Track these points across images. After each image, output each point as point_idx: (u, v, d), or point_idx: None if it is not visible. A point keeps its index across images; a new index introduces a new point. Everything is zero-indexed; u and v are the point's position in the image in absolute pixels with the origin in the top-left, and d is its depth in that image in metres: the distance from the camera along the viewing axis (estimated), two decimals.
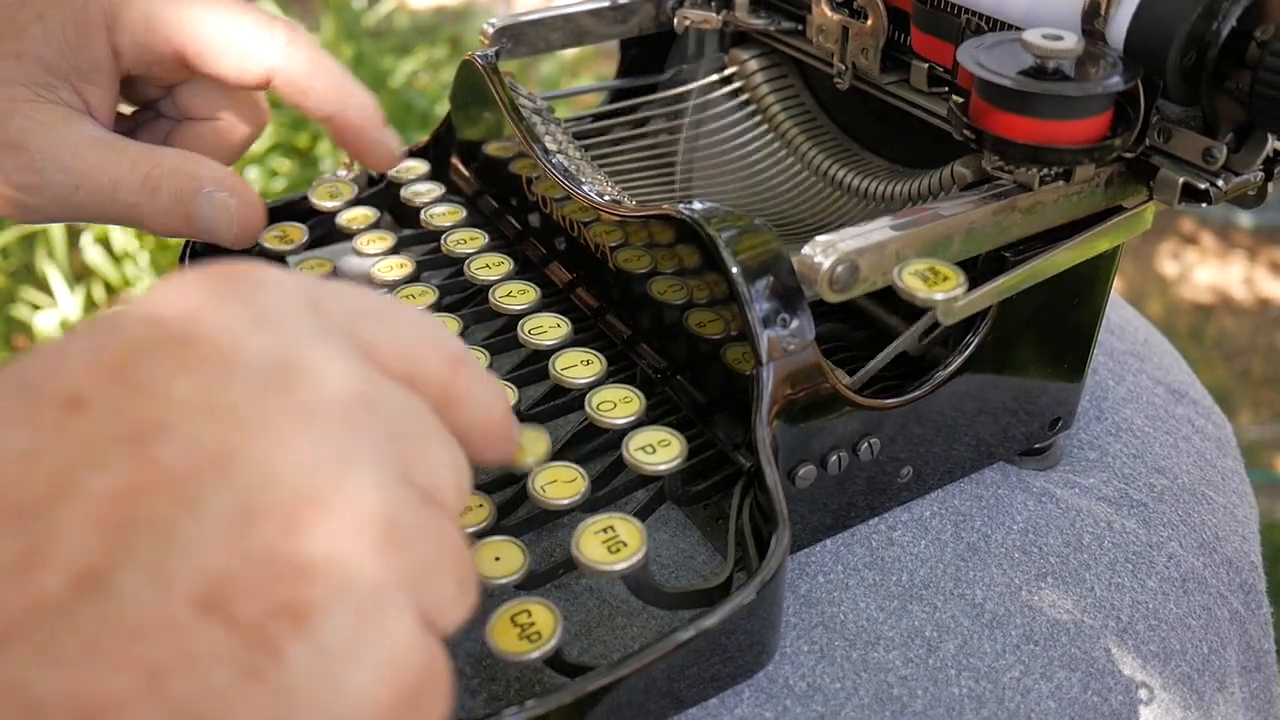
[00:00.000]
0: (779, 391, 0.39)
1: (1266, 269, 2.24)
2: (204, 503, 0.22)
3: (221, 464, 0.22)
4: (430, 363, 0.28)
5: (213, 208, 0.48)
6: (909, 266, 0.38)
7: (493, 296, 0.50)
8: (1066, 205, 0.44)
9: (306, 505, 0.22)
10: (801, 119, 0.60)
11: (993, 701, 0.42)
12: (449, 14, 2.70)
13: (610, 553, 0.37)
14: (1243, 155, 0.42)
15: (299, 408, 0.24)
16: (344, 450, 0.24)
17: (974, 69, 0.40)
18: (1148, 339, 0.63)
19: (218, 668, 0.21)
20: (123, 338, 0.24)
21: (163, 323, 0.24)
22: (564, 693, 0.35)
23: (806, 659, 0.43)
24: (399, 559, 0.24)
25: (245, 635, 0.21)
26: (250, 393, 0.23)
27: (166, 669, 0.20)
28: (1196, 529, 0.51)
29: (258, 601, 0.21)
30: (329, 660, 0.22)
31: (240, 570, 0.21)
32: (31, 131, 0.45)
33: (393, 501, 0.24)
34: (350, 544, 0.23)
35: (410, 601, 0.24)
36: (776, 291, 0.40)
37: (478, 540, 0.41)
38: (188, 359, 0.23)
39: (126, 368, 0.23)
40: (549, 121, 0.54)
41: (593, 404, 0.44)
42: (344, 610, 0.22)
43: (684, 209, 0.41)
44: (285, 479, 0.23)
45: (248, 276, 0.26)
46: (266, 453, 0.23)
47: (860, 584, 0.46)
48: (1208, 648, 0.47)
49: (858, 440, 0.43)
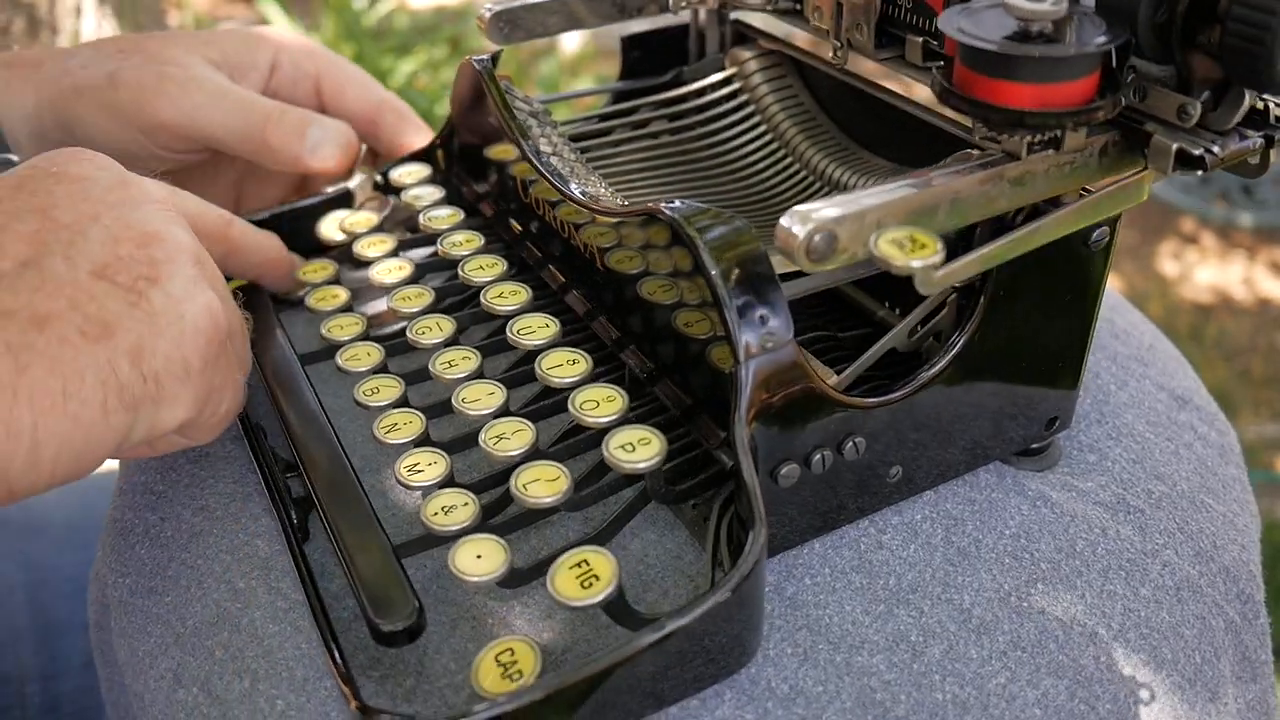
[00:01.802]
0: (757, 391, 0.39)
1: (1266, 269, 2.21)
2: (88, 231, 0.41)
3: (96, 217, 0.41)
4: (208, 216, 0.53)
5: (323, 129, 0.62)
6: (886, 235, 0.36)
7: (485, 297, 0.51)
8: (1058, 176, 0.42)
9: (150, 235, 0.42)
10: (801, 119, 0.60)
11: (977, 708, 0.42)
12: (449, 14, 2.72)
13: (584, 588, 0.38)
14: (1221, 113, 0.40)
15: (137, 196, 0.44)
16: (167, 217, 0.44)
17: (956, 35, 0.39)
18: (1153, 344, 0.62)
19: (110, 301, 0.39)
20: (18, 174, 0.43)
21: (37, 168, 0.43)
22: (539, 688, 0.35)
23: (790, 662, 0.43)
24: (206, 267, 0.44)
25: (124, 288, 0.40)
26: (104, 191, 0.43)
27: (83, 301, 0.38)
28: (1194, 537, 0.50)
29: (128, 272, 0.40)
30: (174, 300, 0.41)
31: (115, 260, 0.40)
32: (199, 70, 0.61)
33: (195, 244, 0.44)
34: (181, 252, 0.42)
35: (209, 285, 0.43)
36: (755, 289, 0.39)
37: (462, 538, 0.41)
38: (62, 179, 0.43)
39: (24, 184, 0.42)
40: (544, 124, 0.55)
41: (576, 403, 0.44)
42: (179, 275, 0.42)
43: (666, 208, 0.41)
44: (135, 224, 0.42)
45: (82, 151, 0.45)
46: (121, 214, 0.42)
47: (847, 587, 0.46)
48: (1200, 657, 0.46)
49: (842, 439, 0.43)
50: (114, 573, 0.49)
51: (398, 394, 0.49)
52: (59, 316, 0.37)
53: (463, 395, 0.47)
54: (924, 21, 0.48)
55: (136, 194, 0.44)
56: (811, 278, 0.45)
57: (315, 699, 0.41)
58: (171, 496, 0.50)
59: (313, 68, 0.65)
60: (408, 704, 0.41)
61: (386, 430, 0.47)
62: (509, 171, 0.56)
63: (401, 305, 0.53)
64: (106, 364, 0.38)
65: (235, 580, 0.46)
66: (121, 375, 0.38)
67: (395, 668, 0.42)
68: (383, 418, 0.47)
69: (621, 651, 0.36)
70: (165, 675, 0.43)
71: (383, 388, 0.49)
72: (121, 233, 0.41)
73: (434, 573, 0.46)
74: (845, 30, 0.51)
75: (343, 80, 0.65)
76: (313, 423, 0.50)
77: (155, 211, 0.43)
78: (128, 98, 0.59)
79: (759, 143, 0.60)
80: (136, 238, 0.41)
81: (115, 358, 0.38)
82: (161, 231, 0.43)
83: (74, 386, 0.37)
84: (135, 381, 0.39)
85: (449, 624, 0.44)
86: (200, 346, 0.41)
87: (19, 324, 0.37)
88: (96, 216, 0.41)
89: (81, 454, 0.38)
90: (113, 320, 0.38)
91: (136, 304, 0.40)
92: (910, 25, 0.49)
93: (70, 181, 0.43)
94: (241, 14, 3.16)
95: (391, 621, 0.40)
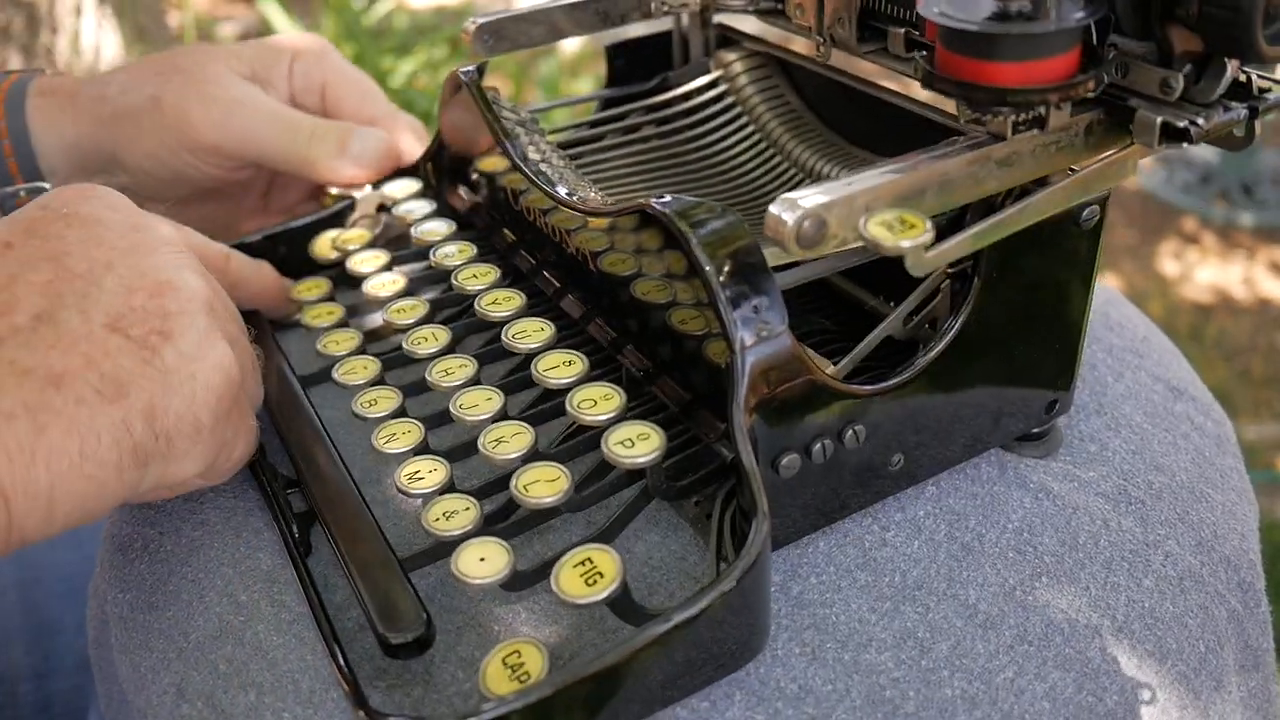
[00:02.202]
0: (755, 380, 0.39)
1: (1266, 269, 2.22)
2: (102, 281, 0.41)
3: (110, 265, 0.41)
4: (209, 252, 0.52)
5: (363, 140, 0.62)
6: (875, 217, 0.37)
7: (479, 305, 0.51)
8: (1045, 156, 0.42)
9: (164, 284, 0.42)
10: (787, 117, 0.60)
11: (986, 703, 0.42)
12: (449, 14, 2.73)
13: (588, 585, 0.38)
14: (1203, 86, 0.40)
15: (151, 241, 0.43)
16: (180, 262, 0.43)
17: (936, 18, 0.39)
18: (1147, 336, 0.62)
19: (124, 358, 0.39)
20: (29, 216, 0.43)
21: (49, 208, 0.43)
22: (545, 684, 0.35)
23: (798, 661, 0.42)
24: (219, 314, 0.44)
25: (138, 342, 0.40)
26: (118, 236, 0.43)
27: (98, 358, 0.38)
28: (1195, 527, 0.50)
29: (142, 325, 0.40)
30: (186, 358, 0.41)
31: (129, 312, 0.40)
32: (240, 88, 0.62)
33: (208, 289, 0.44)
34: (193, 302, 0.42)
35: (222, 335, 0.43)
36: (748, 280, 0.40)
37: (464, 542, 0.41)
38: (73, 221, 0.43)
39: (35, 228, 0.42)
40: (532, 133, 0.55)
41: (574, 403, 0.44)
42: (192, 329, 0.41)
43: (655, 203, 0.41)
44: (148, 272, 0.42)
45: (92, 188, 0.45)
46: (135, 261, 0.42)
47: (852, 585, 0.45)
48: (1204, 647, 0.46)
49: (842, 428, 0.43)
50: (113, 588, 0.48)
51: (395, 404, 0.49)
52: (75, 375, 0.37)
53: (461, 402, 0.46)
54: (904, 12, 0.48)
55: (150, 239, 0.44)
56: (803, 268, 0.45)
57: (322, 710, 0.41)
58: (170, 511, 0.50)
59: (320, 75, 0.66)
60: (415, 712, 0.41)
61: (385, 440, 0.47)
62: (499, 182, 0.56)
63: (396, 318, 0.53)
64: (121, 424, 0.38)
65: (238, 594, 0.45)
66: (135, 434, 0.38)
67: (402, 677, 0.42)
68: (381, 428, 0.47)
69: (628, 647, 0.35)
70: (169, 690, 0.43)
71: (380, 399, 0.49)
72: (135, 282, 0.41)
73: (438, 581, 0.46)
74: (828, 26, 0.52)
75: (343, 92, 0.66)
76: (312, 437, 0.50)
77: (168, 258, 0.43)
78: (173, 121, 0.60)
79: (747, 142, 0.60)
80: (150, 287, 0.41)
81: (130, 417, 0.38)
82: (175, 280, 0.42)
83: (90, 447, 0.37)
84: (148, 439, 0.39)
85: (454, 631, 0.44)
86: (211, 405, 0.41)
87: (36, 383, 0.37)
88: (110, 265, 0.41)
89: (94, 509, 0.38)
90: (127, 379, 0.39)
91: (150, 361, 0.39)
92: (891, 17, 0.49)
93: (82, 225, 0.42)
94: (241, 14, 3.16)
95: (401, 634, 0.39)
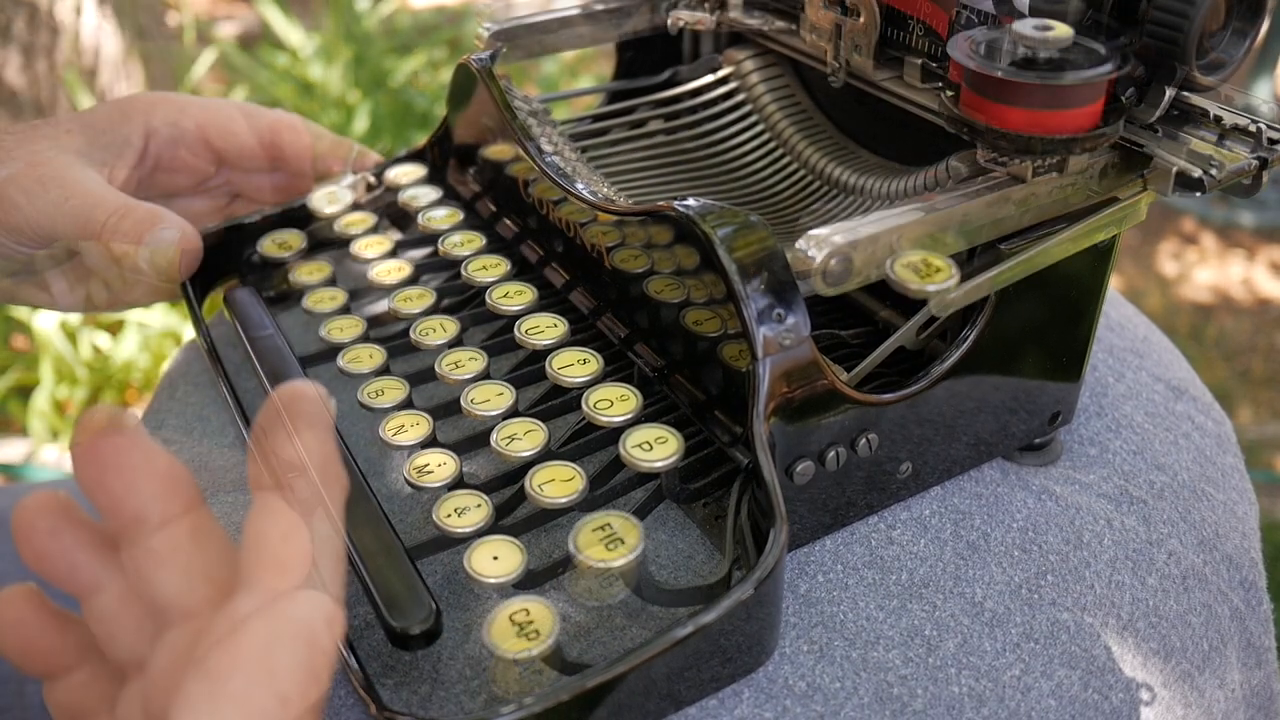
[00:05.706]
0: (775, 387, 0.39)
1: (1266, 269, 2.24)
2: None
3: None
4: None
5: (159, 240, 0.58)
6: (901, 259, 0.38)
7: (490, 297, 0.50)
8: (1061, 197, 0.44)
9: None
10: (797, 117, 0.60)
11: (993, 700, 0.42)
12: (449, 14, 2.70)
13: (608, 550, 0.37)
14: (1144, 108, 0.43)
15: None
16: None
17: (964, 61, 0.40)
18: (1147, 336, 0.63)
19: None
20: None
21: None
22: (562, 690, 0.35)
23: (806, 659, 0.43)
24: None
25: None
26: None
27: None
28: (1196, 526, 0.51)
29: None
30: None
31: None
32: (56, 165, 0.59)
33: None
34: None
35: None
36: (772, 287, 0.39)
37: (476, 540, 0.41)
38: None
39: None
40: (544, 124, 0.54)
41: (590, 402, 0.44)
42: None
43: (679, 206, 0.41)
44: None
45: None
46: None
47: (860, 583, 0.46)
48: (1208, 645, 0.47)
49: (856, 436, 0.43)
50: None
51: (403, 395, 0.49)
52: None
53: (472, 396, 0.46)
54: (928, 44, 0.49)
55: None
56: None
57: (329, 707, 0.41)
58: None
59: (191, 123, 0.65)
60: (424, 710, 0.41)
61: (394, 432, 0.46)
62: (508, 171, 0.55)
63: (403, 306, 0.52)
64: None
65: None
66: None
67: (410, 674, 0.42)
68: (389, 419, 0.47)
69: (643, 652, 0.35)
70: None
71: (387, 389, 0.49)
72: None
73: (445, 578, 0.46)
74: (844, 52, 0.52)
75: (224, 122, 0.65)
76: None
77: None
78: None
79: (756, 141, 0.60)
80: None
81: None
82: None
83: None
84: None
85: (463, 629, 0.44)
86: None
87: None
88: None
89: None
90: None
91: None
92: (910, 47, 0.49)
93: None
94: (241, 13, 3.12)
95: (409, 624, 0.39)
